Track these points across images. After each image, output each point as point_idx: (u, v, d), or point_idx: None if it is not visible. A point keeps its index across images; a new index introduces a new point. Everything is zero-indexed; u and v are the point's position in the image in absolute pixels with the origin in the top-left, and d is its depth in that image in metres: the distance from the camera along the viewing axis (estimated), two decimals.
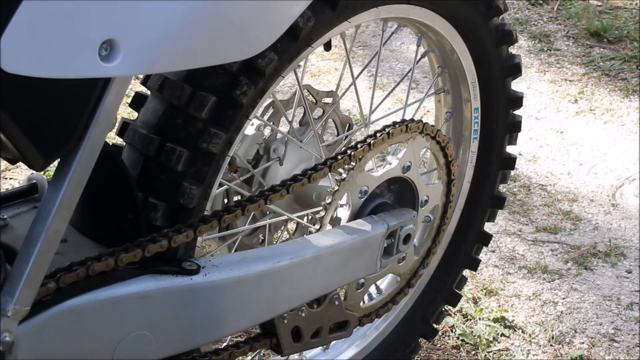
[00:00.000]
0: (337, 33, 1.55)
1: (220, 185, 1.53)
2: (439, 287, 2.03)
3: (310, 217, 1.80)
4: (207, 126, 1.41)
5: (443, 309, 2.08)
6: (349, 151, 1.59)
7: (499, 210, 2.08)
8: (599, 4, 4.18)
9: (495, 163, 1.97)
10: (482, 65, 1.83)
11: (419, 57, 1.85)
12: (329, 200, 1.60)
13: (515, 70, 1.88)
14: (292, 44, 1.46)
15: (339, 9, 1.51)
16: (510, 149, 1.99)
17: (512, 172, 2.28)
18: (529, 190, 2.93)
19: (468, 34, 1.78)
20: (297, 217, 1.77)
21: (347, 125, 1.94)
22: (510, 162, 1.99)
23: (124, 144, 1.46)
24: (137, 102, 1.49)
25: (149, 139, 1.42)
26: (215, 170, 1.45)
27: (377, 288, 1.91)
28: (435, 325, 2.08)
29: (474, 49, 1.81)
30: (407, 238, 1.69)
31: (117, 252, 1.30)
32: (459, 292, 2.08)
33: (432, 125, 1.71)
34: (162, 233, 1.35)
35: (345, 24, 1.55)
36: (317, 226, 1.61)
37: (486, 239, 2.05)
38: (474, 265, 2.07)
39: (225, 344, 1.62)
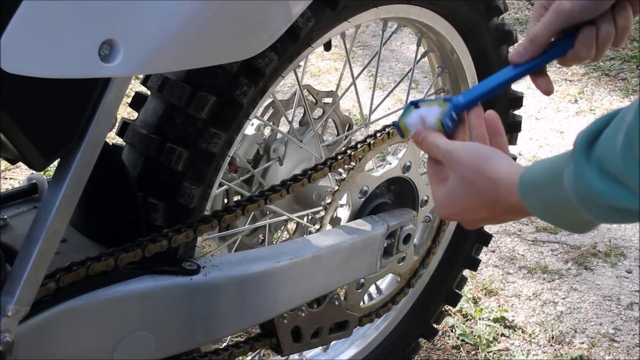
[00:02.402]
0: (337, 33, 1.55)
1: (220, 185, 1.53)
2: (439, 287, 2.03)
3: (310, 217, 1.80)
4: (207, 126, 1.41)
5: (443, 309, 2.08)
6: (349, 151, 1.59)
7: None
8: None
9: None
10: (481, 66, 1.83)
11: (419, 57, 1.84)
12: (329, 200, 1.60)
13: None
14: (292, 44, 1.46)
15: (339, 8, 1.51)
16: (510, 149, 1.99)
17: None
18: None
19: (468, 34, 1.78)
20: (297, 217, 1.77)
21: (347, 125, 1.94)
22: None
23: (124, 144, 1.46)
24: (137, 102, 1.49)
25: (149, 139, 1.42)
26: (215, 170, 1.45)
27: (377, 288, 1.91)
28: (435, 325, 2.08)
29: (474, 49, 1.81)
30: (407, 238, 1.69)
31: (117, 252, 1.30)
32: (459, 292, 2.08)
33: None
34: (162, 233, 1.35)
35: (345, 24, 1.55)
36: (317, 226, 1.61)
37: (486, 239, 2.05)
38: (474, 265, 2.07)
39: (225, 344, 1.62)
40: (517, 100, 1.92)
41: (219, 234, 1.71)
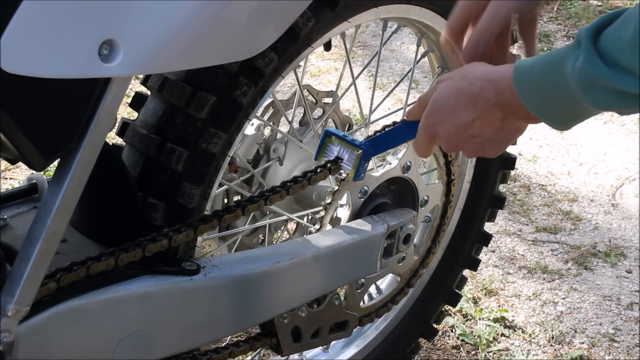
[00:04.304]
0: (337, 33, 1.55)
1: (220, 185, 1.52)
2: (439, 287, 2.03)
3: (310, 217, 1.80)
4: (207, 126, 1.41)
5: (443, 309, 2.08)
6: None
7: (499, 210, 2.08)
8: (599, 4, 4.18)
9: (495, 163, 1.97)
10: None
11: (419, 57, 1.84)
12: (329, 201, 1.60)
13: None
14: (292, 44, 1.46)
15: (339, 8, 1.51)
16: (510, 149, 1.99)
17: (512, 172, 2.28)
18: (529, 190, 2.93)
19: None
20: (297, 217, 1.77)
21: (347, 125, 1.94)
22: (510, 162, 1.99)
23: (124, 144, 1.46)
24: (137, 102, 1.49)
25: (149, 139, 1.42)
26: (215, 170, 1.45)
27: (377, 288, 1.91)
28: (435, 325, 2.08)
29: None
30: (407, 238, 1.69)
31: (118, 251, 1.30)
32: (459, 292, 2.08)
33: None
34: (162, 232, 1.35)
35: (345, 24, 1.55)
36: (317, 226, 1.61)
37: (486, 239, 2.05)
38: (474, 265, 2.07)
39: (225, 343, 1.62)
40: None
41: (219, 234, 1.71)
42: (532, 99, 1.11)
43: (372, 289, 1.90)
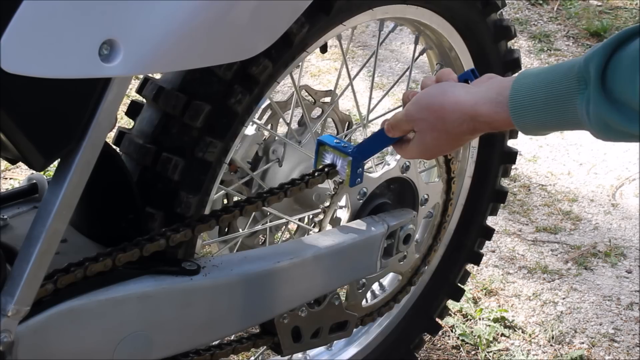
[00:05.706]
0: (332, 36, 1.54)
1: (219, 190, 1.52)
2: (442, 282, 2.02)
3: (310, 218, 1.80)
4: (202, 135, 1.41)
5: (446, 304, 2.07)
6: None
7: (499, 210, 2.08)
8: (599, 4, 4.18)
9: (496, 158, 1.96)
10: (481, 62, 1.82)
11: (417, 54, 1.84)
12: (327, 204, 1.60)
13: (514, 64, 1.87)
14: (287, 49, 1.45)
15: (334, 12, 1.50)
16: (511, 143, 1.98)
17: (512, 173, 2.27)
18: (529, 190, 2.93)
19: (466, 31, 1.77)
20: (297, 219, 1.77)
21: (347, 123, 1.94)
22: (512, 156, 1.98)
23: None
24: (133, 110, 1.49)
25: (145, 149, 1.42)
26: (212, 178, 1.45)
27: (380, 285, 1.91)
28: (438, 321, 2.07)
29: (473, 46, 1.80)
30: (407, 238, 1.69)
31: (115, 252, 1.30)
32: (462, 287, 2.07)
33: None
34: (160, 232, 1.35)
35: (340, 27, 1.54)
36: (317, 229, 1.61)
37: (489, 232, 2.04)
38: (477, 259, 2.06)
39: (229, 339, 1.62)
40: None
41: (219, 238, 1.70)
42: (533, 129, 1.15)
43: (375, 287, 1.89)
